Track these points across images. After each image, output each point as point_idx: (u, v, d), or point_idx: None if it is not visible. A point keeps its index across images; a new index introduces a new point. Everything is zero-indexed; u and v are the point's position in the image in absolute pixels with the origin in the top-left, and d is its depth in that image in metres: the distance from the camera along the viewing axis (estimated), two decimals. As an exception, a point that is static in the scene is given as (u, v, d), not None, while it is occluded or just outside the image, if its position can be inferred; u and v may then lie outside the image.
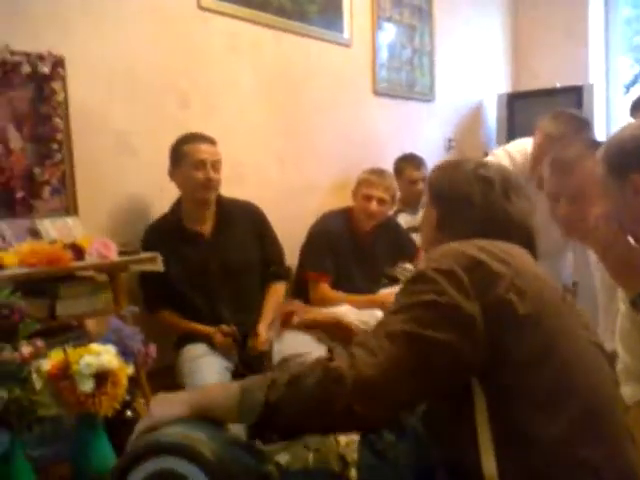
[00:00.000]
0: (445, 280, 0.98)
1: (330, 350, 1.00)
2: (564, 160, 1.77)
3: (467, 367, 0.97)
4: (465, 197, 1.17)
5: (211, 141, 2.38)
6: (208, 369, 2.15)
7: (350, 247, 2.89)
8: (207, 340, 2.28)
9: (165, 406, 1.11)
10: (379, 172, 2.95)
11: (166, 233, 2.35)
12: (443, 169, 1.28)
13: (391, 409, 0.99)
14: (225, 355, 2.26)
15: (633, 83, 5.82)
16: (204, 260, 2.34)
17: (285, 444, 1.09)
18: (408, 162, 3.68)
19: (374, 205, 2.83)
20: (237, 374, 2.23)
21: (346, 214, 2.94)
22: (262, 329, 2.31)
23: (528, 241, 1.17)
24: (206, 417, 1.06)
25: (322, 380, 0.93)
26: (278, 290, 2.52)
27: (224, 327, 2.26)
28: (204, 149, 2.34)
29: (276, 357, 2.25)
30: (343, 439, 1.12)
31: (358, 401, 0.92)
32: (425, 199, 1.29)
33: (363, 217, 2.87)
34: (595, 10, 5.24)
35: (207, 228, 2.40)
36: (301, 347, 2.28)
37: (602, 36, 5.36)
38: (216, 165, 2.34)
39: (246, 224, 2.46)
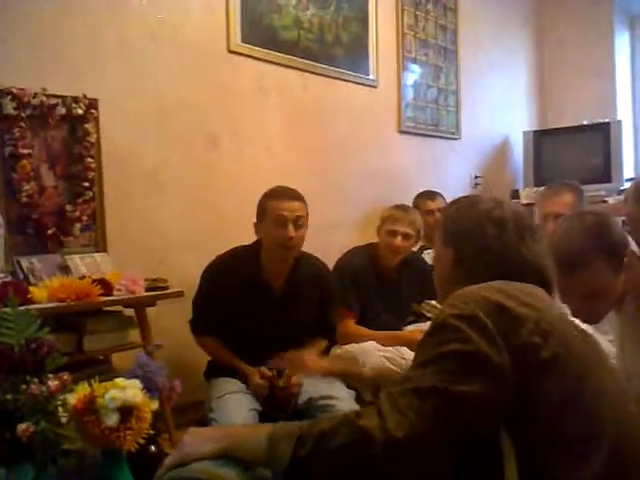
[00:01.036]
0: (468, 327, 0.96)
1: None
2: (570, 259, 1.59)
3: (498, 416, 0.95)
4: (479, 239, 1.16)
5: (295, 197, 2.30)
6: (235, 409, 2.09)
7: (375, 283, 2.88)
8: (241, 377, 2.25)
9: (196, 441, 1.11)
10: (403, 208, 2.96)
11: (238, 272, 2.30)
12: (458, 208, 1.25)
13: (422, 469, 0.95)
14: (255, 395, 2.21)
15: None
16: (266, 314, 2.30)
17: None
18: (422, 195, 3.72)
19: (399, 240, 2.83)
20: (264, 416, 2.18)
21: (371, 250, 2.94)
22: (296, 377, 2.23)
23: (543, 282, 1.15)
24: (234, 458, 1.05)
25: (351, 441, 0.91)
26: (319, 346, 2.46)
27: (265, 370, 2.20)
28: (286, 206, 2.24)
29: (303, 396, 2.22)
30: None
31: (388, 463, 0.90)
32: (438, 236, 1.25)
33: (388, 253, 2.87)
34: (621, 47, 5.26)
35: (280, 284, 2.35)
36: (327, 388, 2.23)
37: (629, 73, 5.36)
38: (299, 222, 2.26)
39: (314, 289, 2.41)
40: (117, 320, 2.13)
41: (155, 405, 1.85)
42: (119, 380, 1.76)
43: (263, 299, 2.31)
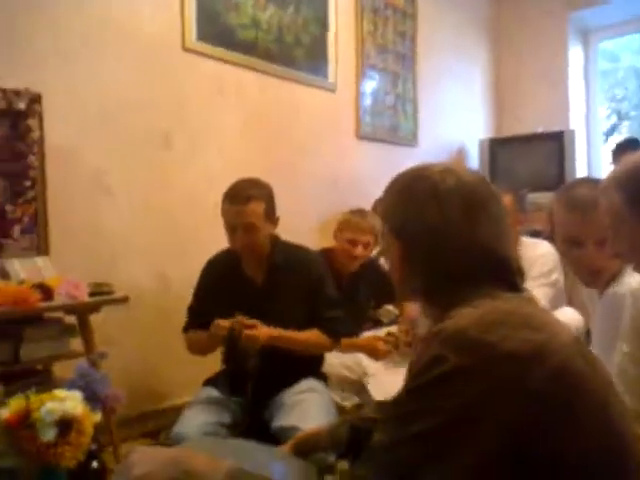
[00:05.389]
0: (462, 385, 0.84)
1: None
2: (584, 198, 1.57)
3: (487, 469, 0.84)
4: (423, 224, 1.00)
5: (245, 197, 2.08)
6: (192, 421, 1.94)
7: (332, 289, 2.82)
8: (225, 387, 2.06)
9: (146, 464, 1.04)
10: (361, 213, 2.90)
11: (224, 267, 2.21)
12: (396, 192, 1.07)
13: None
14: (221, 407, 2.03)
15: (611, 132, 5.94)
16: (252, 308, 2.08)
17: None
18: (379, 201, 3.67)
19: (359, 249, 2.78)
20: (228, 427, 1.99)
21: (326, 256, 2.87)
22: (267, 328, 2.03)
23: (501, 268, 1.00)
24: None
25: None
26: (317, 334, 2.16)
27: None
28: (233, 211, 2.07)
29: (275, 422, 1.98)
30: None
31: None
32: (383, 225, 1.10)
33: (347, 260, 2.81)
34: (575, 60, 5.38)
35: (261, 276, 2.19)
36: (298, 418, 1.96)
37: (582, 84, 5.47)
38: (249, 227, 2.07)
39: (294, 277, 2.19)
40: (57, 327, 2.01)
41: (97, 417, 1.74)
42: (58, 391, 1.65)
43: (246, 293, 2.16)
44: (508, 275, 1.00)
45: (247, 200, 2.08)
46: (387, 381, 2.51)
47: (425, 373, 0.86)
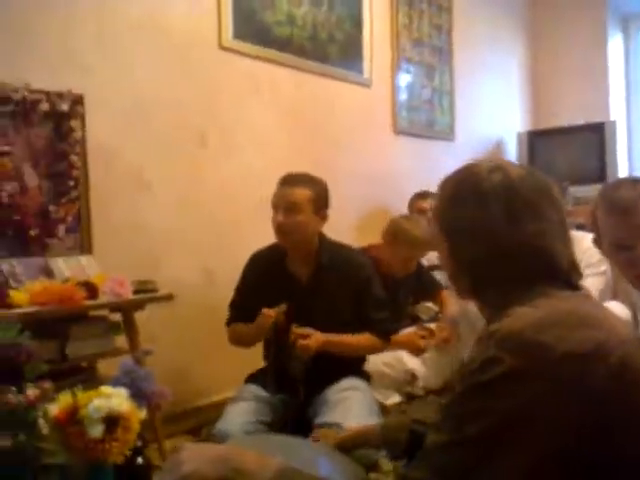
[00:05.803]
0: (515, 386, 0.82)
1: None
2: (627, 196, 1.50)
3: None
4: (466, 222, 0.99)
5: (293, 182, 2.15)
6: (235, 418, 1.94)
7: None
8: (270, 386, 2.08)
9: (195, 461, 1.03)
10: (417, 225, 2.83)
11: (267, 263, 2.22)
12: (445, 190, 1.07)
13: None
14: (264, 404, 2.03)
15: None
16: (295, 305, 2.09)
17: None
18: (416, 196, 3.63)
19: (414, 264, 2.82)
20: (273, 424, 2.00)
21: (371, 254, 2.84)
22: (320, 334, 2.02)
23: (550, 266, 0.97)
24: None
25: None
26: (367, 337, 2.16)
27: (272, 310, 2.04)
28: (279, 192, 2.15)
29: (320, 418, 1.98)
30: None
31: None
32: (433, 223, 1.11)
33: (400, 269, 2.80)
34: (614, 48, 5.23)
35: (305, 273, 2.18)
36: (341, 415, 1.96)
37: (622, 73, 5.32)
38: (291, 208, 2.10)
39: (340, 278, 2.18)
40: (103, 325, 2.03)
41: (142, 414, 1.75)
42: (104, 388, 1.66)
43: (291, 290, 2.15)
44: (559, 273, 0.98)
45: (294, 184, 2.15)
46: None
47: (479, 374, 0.85)
